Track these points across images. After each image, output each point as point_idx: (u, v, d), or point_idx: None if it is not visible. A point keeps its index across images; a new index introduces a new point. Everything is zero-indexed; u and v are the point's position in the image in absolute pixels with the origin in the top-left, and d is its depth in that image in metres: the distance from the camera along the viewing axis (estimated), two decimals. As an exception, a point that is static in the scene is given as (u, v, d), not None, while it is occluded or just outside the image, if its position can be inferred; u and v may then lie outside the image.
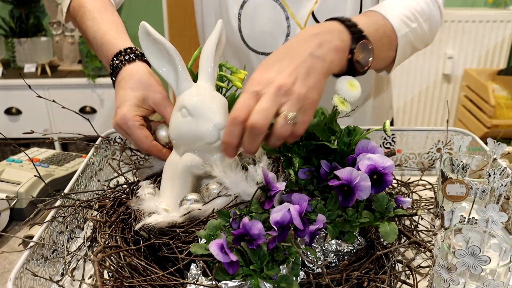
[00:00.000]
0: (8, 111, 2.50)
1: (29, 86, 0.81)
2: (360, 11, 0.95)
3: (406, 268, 0.65)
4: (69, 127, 2.49)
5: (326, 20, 0.72)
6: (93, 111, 2.50)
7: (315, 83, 0.63)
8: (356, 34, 0.69)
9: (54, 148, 2.49)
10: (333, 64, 0.66)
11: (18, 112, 2.51)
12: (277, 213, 0.51)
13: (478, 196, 0.71)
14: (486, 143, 0.82)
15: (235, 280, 0.53)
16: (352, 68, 0.69)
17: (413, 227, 0.75)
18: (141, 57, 0.81)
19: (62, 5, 0.96)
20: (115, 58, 0.79)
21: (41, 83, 2.44)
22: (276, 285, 0.53)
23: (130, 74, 0.76)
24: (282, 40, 0.97)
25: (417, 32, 0.82)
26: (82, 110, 2.46)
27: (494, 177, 0.71)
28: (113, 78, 0.79)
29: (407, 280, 0.65)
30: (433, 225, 0.78)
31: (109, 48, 0.81)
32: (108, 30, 0.84)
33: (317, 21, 0.94)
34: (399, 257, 0.69)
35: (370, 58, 0.71)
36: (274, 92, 0.60)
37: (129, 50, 0.81)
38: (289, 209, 0.51)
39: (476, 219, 0.66)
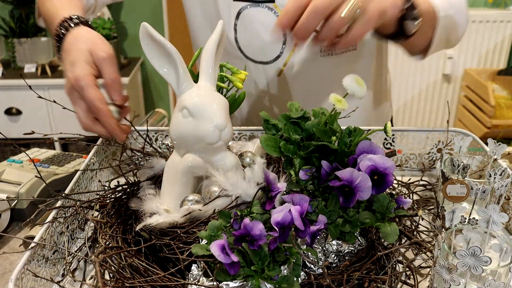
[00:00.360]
0: (8, 111, 2.50)
1: (30, 87, 0.81)
2: None
3: (407, 269, 0.65)
4: (69, 128, 2.50)
5: None
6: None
7: (374, 12, 0.69)
8: (409, 11, 0.75)
9: (54, 149, 2.49)
10: (388, 12, 0.72)
11: (18, 112, 2.51)
12: (278, 214, 0.51)
13: (478, 197, 0.71)
14: (486, 143, 0.82)
15: (236, 281, 0.53)
16: (401, 30, 0.77)
17: (413, 227, 0.75)
18: (86, 23, 0.78)
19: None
20: (60, 27, 0.77)
21: (41, 83, 2.44)
22: (277, 286, 0.53)
23: (75, 36, 0.74)
24: (278, 49, 0.97)
25: (453, 20, 0.87)
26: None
27: (495, 178, 0.71)
28: (58, 47, 0.77)
29: (408, 281, 0.66)
30: (434, 226, 0.78)
31: (56, 19, 0.79)
32: (61, 6, 0.83)
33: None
34: (400, 258, 0.69)
35: (416, 22, 0.77)
36: None
37: (74, 17, 0.78)
38: (290, 210, 0.52)
39: (477, 220, 0.66)
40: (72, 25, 0.77)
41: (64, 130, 2.50)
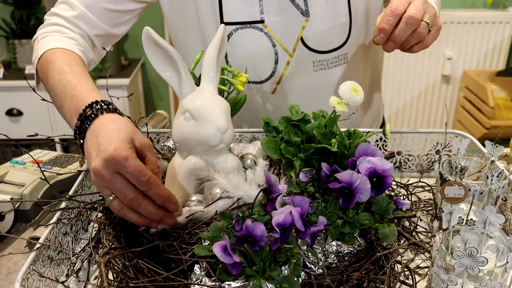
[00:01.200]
0: (9, 112, 2.51)
1: (34, 90, 0.82)
2: (348, 36, 0.97)
3: (405, 269, 0.66)
4: (70, 129, 2.51)
5: None
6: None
7: (439, 26, 0.83)
8: None
9: (55, 150, 2.51)
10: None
11: (19, 113, 2.52)
12: (279, 215, 0.52)
13: (476, 198, 0.72)
14: (484, 145, 0.83)
15: (238, 281, 0.54)
16: None
17: (412, 228, 0.76)
18: (115, 110, 0.69)
19: (33, 66, 0.89)
20: (88, 108, 0.67)
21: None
22: (278, 286, 0.54)
23: (112, 119, 0.65)
24: (270, 68, 0.97)
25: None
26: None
27: (492, 179, 0.72)
28: (82, 127, 0.67)
29: (406, 281, 0.67)
30: (432, 227, 0.79)
31: (82, 98, 0.70)
32: (80, 83, 0.75)
33: (306, 46, 0.95)
34: (399, 258, 0.70)
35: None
36: (422, 3, 0.78)
37: (107, 102, 0.69)
38: (291, 212, 0.53)
39: (474, 221, 0.67)
40: (107, 108, 0.67)
41: (65, 131, 2.50)
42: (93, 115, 0.66)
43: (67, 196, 0.73)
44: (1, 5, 2.63)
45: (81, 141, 0.66)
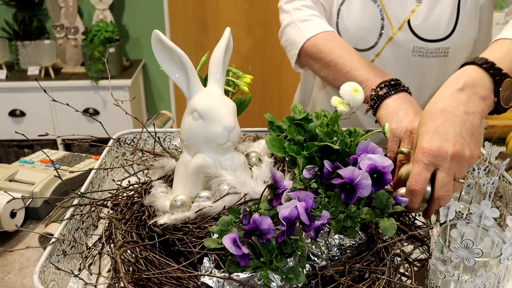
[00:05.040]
0: (12, 113, 2.54)
1: (44, 91, 0.85)
2: (453, 31, 1.00)
3: (405, 261, 0.69)
4: (71, 129, 2.54)
5: (463, 65, 0.76)
6: (96, 113, 2.54)
7: (478, 139, 0.71)
8: (497, 76, 0.73)
9: (57, 149, 2.53)
10: (484, 112, 0.72)
11: (22, 114, 2.55)
12: (286, 209, 0.55)
13: (464, 190, 0.75)
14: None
15: (246, 272, 0.57)
16: (500, 106, 0.74)
17: (411, 223, 0.79)
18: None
19: (288, 44, 1.05)
20: (385, 82, 0.87)
21: (44, 85, 2.48)
22: (284, 276, 0.57)
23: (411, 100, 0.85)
24: (374, 40, 1.03)
25: None
26: (85, 112, 2.50)
27: (479, 172, 0.75)
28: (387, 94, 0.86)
29: (406, 273, 0.70)
30: (429, 221, 0.82)
31: (375, 72, 0.91)
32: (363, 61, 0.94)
33: (411, 29, 1.01)
34: (398, 251, 0.73)
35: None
36: (449, 164, 0.68)
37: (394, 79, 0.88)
38: (296, 206, 0.55)
39: (463, 214, 0.70)
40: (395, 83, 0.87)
41: (67, 131, 2.54)
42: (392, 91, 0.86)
43: (79, 193, 0.76)
44: (3, 7, 2.65)
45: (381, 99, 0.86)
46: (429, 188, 0.71)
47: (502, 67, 0.73)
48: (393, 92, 0.86)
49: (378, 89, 0.87)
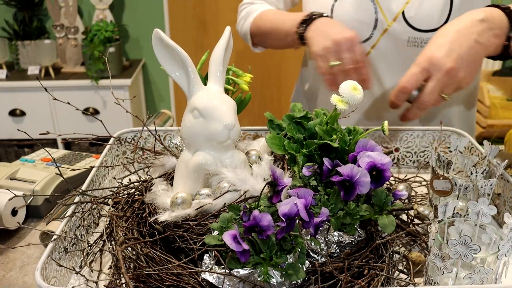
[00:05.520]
0: (12, 113, 2.54)
1: (45, 89, 0.85)
2: (447, 20, 1.03)
3: (403, 258, 0.69)
4: (71, 128, 2.54)
5: (489, 5, 0.87)
6: (96, 112, 2.54)
7: (475, 68, 0.81)
8: None
9: (57, 148, 2.54)
10: (492, 48, 0.83)
11: (22, 113, 2.55)
12: (285, 206, 0.55)
13: (461, 193, 0.75)
14: (481, 144, 0.86)
15: (246, 268, 0.58)
16: (506, 52, 0.85)
17: (409, 221, 0.80)
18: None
19: (243, 35, 1.21)
20: (307, 16, 1.01)
21: (44, 85, 2.46)
22: (284, 273, 0.58)
23: (333, 20, 0.99)
24: (368, 32, 1.07)
25: None
26: (86, 111, 2.50)
27: (476, 175, 0.75)
28: (307, 23, 1.00)
29: (404, 270, 0.70)
30: (427, 218, 0.82)
31: (297, 16, 1.03)
32: (289, 14, 1.09)
33: (406, 20, 1.04)
34: (397, 248, 0.73)
35: None
36: (442, 76, 0.79)
37: (317, 12, 1.02)
38: (295, 202, 0.56)
39: (460, 214, 0.71)
40: (322, 14, 1.00)
41: (67, 130, 2.54)
42: (313, 18, 0.99)
43: (80, 190, 0.76)
44: (4, 7, 2.66)
45: (303, 31, 1.00)
46: (415, 92, 0.81)
47: None
48: (306, 26, 1.00)
49: (298, 28, 1.01)
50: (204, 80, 0.74)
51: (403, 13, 1.03)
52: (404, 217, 0.83)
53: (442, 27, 0.85)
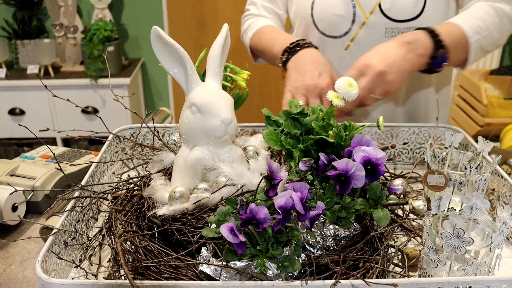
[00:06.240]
0: (12, 112, 2.55)
1: (45, 86, 0.86)
2: (422, 10, 1.08)
3: (398, 252, 0.70)
4: (71, 128, 2.55)
5: (417, 29, 1.01)
6: (95, 111, 2.55)
7: (402, 78, 0.96)
8: (437, 44, 0.98)
9: (56, 145, 2.54)
10: (416, 66, 0.98)
11: (22, 112, 2.56)
12: (281, 198, 0.56)
13: (456, 188, 0.76)
14: (477, 141, 0.87)
15: (243, 260, 0.59)
16: (428, 69, 1.00)
17: (404, 215, 0.81)
18: (313, 46, 1.08)
19: (246, 47, 1.28)
20: (292, 44, 1.08)
21: (44, 83, 2.49)
22: (280, 265, 0.59)
23: (316, 54, 1.05)
24: (347, 26, 1.12)
25: (487, 39, 1.04)
26: (84, 110, 2.51)
27: (471, 170, 0.76)
28: (290, 53, 1.07)
29: (400, 264, 0.71)
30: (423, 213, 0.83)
31: (286, 40, 1.10)
32: (282, 35, 1.16)
33: (382, 12, 1.08)
34: (392, 242, 0.74)
35: (444, 63, 1.00)
36: (373, 76, 0.93)
37: (303, 41, 1.09)
38: (291, 195, 0.57)
39: (455, 209, 0.72)
40: (306, 44, 1.07)
41: (66, 129, 2.54)
42: (296, 49, 1.07)
43: (80, 185, 0.77)
44: (3, 6, 2.67)
45: (286, 60, 1.07)
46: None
47: (443, 39, 0.98)
48: (289, 56, 1.07)
49: (282, 56, 1.08)
50: (202, 77, 0.75)
51: (379, 5, 1.08)
52: (400, 212, 0.84)
53: (377, 46, 0.98)
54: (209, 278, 0.60)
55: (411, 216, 0.82)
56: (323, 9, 1.13)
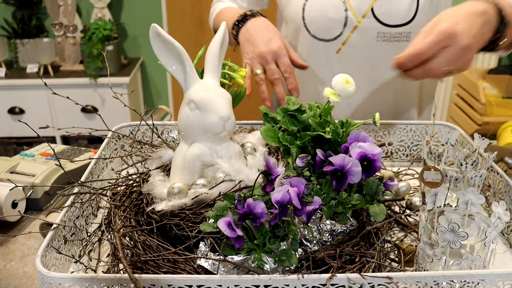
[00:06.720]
0: (11, 111, 2.56)
1: (50, 88, 0.87)
2: (414, 16, 1.07)
3: (394, 247, 0.71)
4: (71, 126, 2.55)
5: None
6: (95, 110, 2.56)
7: (474, 54, 0.87)
8: (503, 19, 0.88)
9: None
10: (486, 39, 0.88)
11: (21, 111, 2.56)
12: (278, 193, 0.57)
13: (452, 184, 0.77)
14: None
15: (240, 255, 0.60)
16: (491, 45, 0.90)
17: (401, 212, 0.82)
18: (262, 15, 1.11)
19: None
20: (240, 17, 1.10)
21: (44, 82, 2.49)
22: (277, 259, 0.59)
23: (265, 22, 1.07)
24: (339, 30, 1.10)
25: None
26: (84, 109, 2.52)
27: (466, 167, 0.77)
28: (239, 26, 1.10)
29: (396, 259, 0.72)
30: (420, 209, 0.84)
31: (237, 15, 1.11)
32: (233, 12, 1.16)
33: (375, 16, 1.07)
34: (388, 237, 0.75)
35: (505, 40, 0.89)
36: (458, 50, 0.83)
37: (250, 11, 1.11)
38: (288, 190, 0.58)
39: (451, 205, 0.73)
40: (255, 14, 1.09)
41: (65, 127, 2.55)
42: (246, 18, 1.09)
43: (79, 182, 0.78)
44: (3, 6, 2.67)
45: (236, 34, 1.10)
46: None
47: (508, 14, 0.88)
48: (239, 30, 1.09)
49: (232, 30, 1.10)
50: (201, 75, 0.75)
51: (372, 9, 1.07)
52: (396, 208, 0.85)
53: (447, 9, 0.88)
54: (207, 272, 0.61)
55: (407, 211, 0.83)
56: (314, 12, 1.11)
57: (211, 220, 0.63)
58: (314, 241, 0.65)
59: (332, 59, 1.14)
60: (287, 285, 0.58)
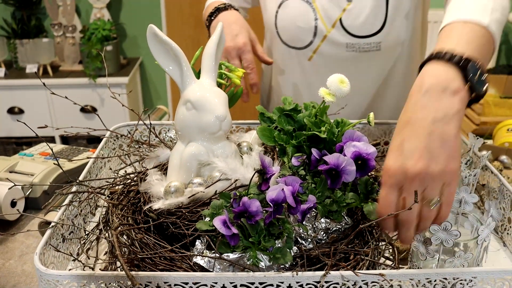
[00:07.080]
0: (11, 111, 2.57)
1: (44, 84, 0.88)
2: (382, 27, 1.06)
3: (389, 245, 0.72)
4: (69, 125, 2.56)
5: (426, 60, 0.67)
6: (94, 110, 2.57)
7: (451, 150, 0.60)
8: (467, 67, 0.65)
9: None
10: (459, 110, 0.62)
11: (21, 111, 2.57)
12: (273, 192, 0.58)
13: None
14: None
15: (235, 252, 0.60)
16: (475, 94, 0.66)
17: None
18: (234, 8, 1.15)
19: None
20: (213, 10, 1.14)
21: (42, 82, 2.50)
22: (272, 256, 0.60)
23: (235, 16, 1.10)
24: (309, 38, 1.10)
25: (496, 10, 0.76)
26: (83, 109, 2.53)
27: (461, 166, 0.78)
28: (211, 18, 1.15)
29: (390, 257, 0.73)
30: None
31: (212, 6, 1.16)
32: (216, 2, 1.18)
33: (343, 27, 1.07)
34: (383, 236, 0.76)
35: (485, 75, 0.68)
36: (411, 186, 0.60)
37: (223, 5, 1.14)
38: (283, 189, 0.59)
39: None
40: (225, 7, 1.13)
41: (64, 127, 2.56)
42: (218, 11, 1.14)
43: (77, 181, 0.79)
44: (2, 6, 2.68)
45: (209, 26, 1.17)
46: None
47: (471, 56, 0.66)
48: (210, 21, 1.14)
49: (206, 24, 1.16)
50: (198, 75, 0.76)
51: (340, 20, 1.06)
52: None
53: (399, 119, 0.66)
54: (203, 269, 0.61)
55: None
56: (285, 21, 1.12)
57: (207, 218, 0.64)
58: (309, 239, 0.66)
59: (306, 66, 1.14)
60: (282, 283, 0.59)
